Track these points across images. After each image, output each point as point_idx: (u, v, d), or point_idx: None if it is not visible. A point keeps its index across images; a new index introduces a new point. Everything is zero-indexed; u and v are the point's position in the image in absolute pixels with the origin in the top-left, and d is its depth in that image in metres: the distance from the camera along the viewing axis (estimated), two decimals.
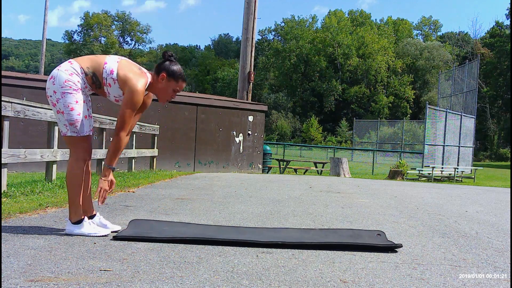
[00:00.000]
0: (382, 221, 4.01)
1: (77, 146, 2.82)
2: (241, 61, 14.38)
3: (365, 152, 27.76)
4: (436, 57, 52.84)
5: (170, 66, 2.86)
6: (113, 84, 2.79)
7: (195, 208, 4.32)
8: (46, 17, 24.85)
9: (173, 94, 2.91)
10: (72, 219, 2.85)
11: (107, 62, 2.81)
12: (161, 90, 2.88)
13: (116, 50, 60.79)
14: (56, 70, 2.81)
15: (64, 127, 2.79)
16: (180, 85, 2.90)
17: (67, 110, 2.75)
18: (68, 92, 2.74)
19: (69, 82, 2.74)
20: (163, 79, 2.85)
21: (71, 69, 2.77)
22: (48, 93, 2.79)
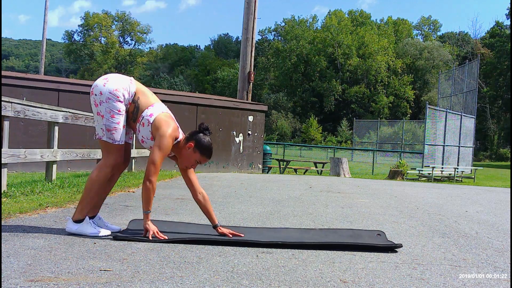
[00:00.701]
0: (382, 221, 4.01)
1: (109, 152, 2.85)
2: (241, 61, 14.38)
3: (365, 152, 27.75)
4: (436, 57, 52.83)
5: (201, 139, 2.88)
6: (146, 126, 2.83)
7: (195, 208, 4.31)
8: (46, 17, 24.86)
9: (195, 165, 2.93)
10: (75, 217, 2.85)
11: (153, 105, 2.86)
12: (185, 156, 2.90)
13: (116, 50, 60.79)
14: (114, 76, 2.87)
15: (100, 131, 2.83)
16: (204, 159, 2.92)
17: (107, 115, 2.79)
18: (113, 100, 2.78)
19: (118, 93, 2.79)
20: (190, 148, 2.88)
21: (127, 86, 2.83)
22: (94, 90, 2.82)
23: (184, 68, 68.78)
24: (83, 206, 2.85)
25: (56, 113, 5.49)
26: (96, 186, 2.85)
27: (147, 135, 2.84)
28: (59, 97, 9.72)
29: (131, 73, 62.89)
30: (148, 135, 2.84)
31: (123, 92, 2.80)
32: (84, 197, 2.87)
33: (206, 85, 61.29)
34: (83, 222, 2.84)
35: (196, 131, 2.93)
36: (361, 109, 52.93)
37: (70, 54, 63.06)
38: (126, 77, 2.90)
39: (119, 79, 2.86)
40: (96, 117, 2.83)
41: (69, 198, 4.45)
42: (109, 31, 62.16)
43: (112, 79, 2.84)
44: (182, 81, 59.97)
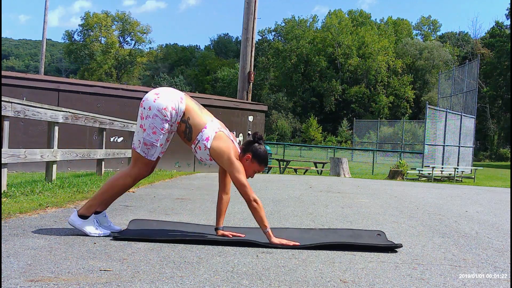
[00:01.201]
0: (382, 221, 4.01)
1: (138, 164, 2.87)
2: (241, 61, 14.38)
3: (365, 152, 27.75)
4: (436, 57, 52.84)
5: (258, 149, 2.92)
6: (203, 150, 2.84)
7: (195, 208, 4.32)
8: (46, 17, 24.86)
9: (253, 174, 2.97)
10: (81, 211, 2.85)
11: (207, 127, 2.85)
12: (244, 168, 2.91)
13: (116, 50, 60.75)
14: (165, 92, 2.84)
15: (137, 142, 2.85)
16: (262, 168, 2.96)
17: (150, 131, 2.80)
18: (160, 117, 2.79)
19: (167, 112, 2.79)
20: (248, 159, 2.90)
21: (177, 104, 2.82)
22: (144, 104, 2.83)
23: (184, 68, 68.78)
24: (92, 204, 2.86)
25: (56, 113, 5.49)
26: (113, 191, 2.88)
27: (206, 157, 2.88)
28: (59, 97, 9.72)
29: (131, 73, 62.91)
30: (206, 157, 2.88)
31: (171, 111, 2.80)
32: (97, 196, 2.88)
33: (206, 85, 61.30)
34: (88, 220, 2.84)
35: (250, 141, 2.96)
36: (361, 109, 52.93)
37: (70, 54, 63.00)
38: (177, 94, 2.86)
39: (170, 96, 2.83)
40: (138, 128, 2.85)
41: (69, 198, 4.45)
42: (109, 31, 62.12)
43: (163, 96, 2.82)
44: (182, 81, 59.98)
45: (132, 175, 2.87)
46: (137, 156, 2.86)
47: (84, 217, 2.84)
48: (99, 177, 6.97)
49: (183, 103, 2.84)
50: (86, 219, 2.84)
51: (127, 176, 2.87)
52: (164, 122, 2.80)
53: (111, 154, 7.56)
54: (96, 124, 6.83)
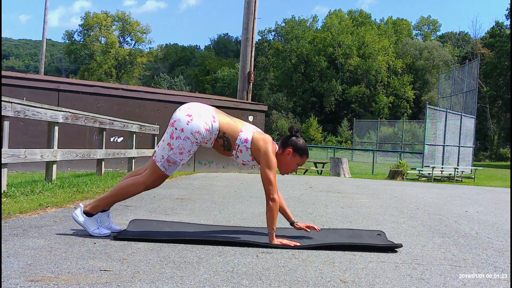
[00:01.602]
0: (382, 221, 4.01)
1: (154, 176, 2.88)
2: (241, 61, 14.37)
3: (365, 152, 27.74)
4: (436, 57, 52.83)
5: (297, 142, 2.94)
6: (245, 151, 2.88)
7: (195, 208, 4.32)
8: (46, 17, 24.86)
9: (296, 168, 2.99)
10: (87, 208, 2.86)
11: (243, 131, 2.89)
12: (286, 163, 2.95)
13: (116, 50, 60.73)
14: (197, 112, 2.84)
15: (160, 156, 2.85)
16: (304, 160, 2.98)
17: (176, 150, 2.82)
18: (191, 140, 2.81)
19: (199, 135, 2.81)
20: (289, 154, 2.93)
21: (210, 125, 2.84)
22: (175, 124, 2.81)
23: (184, 68, 68.77)
24: (100, 203, 2.88)
25: (56, 113, 5.49)
26: (123, 196, 2.91)
27: (248, 158, 2.90)
28: (59, 97, 9.72)
29: (131, 73, 62.88)
30: (249, 158, 2.90)
31: (205, 133, 2.82)
32: (106, 197, 2.90)
33: (206, 85, 61.28)
34: (92, 218, 2.85)
35: (288, 135, 2.98)
36: (361, 109, 52.93)
37: (70, 54, 62.95)
38: (209, 114, 2.87)
39: (202, 117, 2.83)
40: (165, 145, 2.85)
41: (69, 198, 4.45)
42: (109, 31, 62.10)
43: (196, 117, 2.81)
44: (182, 81, 59.96)
45: (145, 184, 2.89)
46: (155, 168, 2.87)
47: (89, 214, 2.85)
48: (99, 177, 6.97)
49: (216, 122, 2.87)
50: (91, 217, 2.85)
51: (140, 184, 2.88)
52: (194, 145, 2.83)
53: (111, 154, 7.56)
54: (96, 124, 6.83)
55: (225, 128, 2.88)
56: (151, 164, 2.90)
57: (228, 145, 2.89)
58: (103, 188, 5.43)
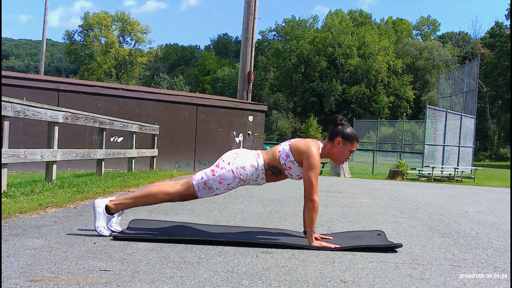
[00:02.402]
0: (382, 221, 4.02)
1: (185, 191, 2.90)
2: (241, 61, 14.37)
3: (365, 152, 27.75)
4: (436, 57, 52.83)
5: (344, 130, 2.96)
6: (293, 165, 2.90)
7: (195, 208, 4.32)
8: (46, 17, 24.86)
9: (349, 155, 3.01)
10: (110, 203, 2.87)
11: (280, 150, 2.94)
12: (338, 153, 2.96)
13: (116, 50, 60.72)
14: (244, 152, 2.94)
15: (200, 177, 2.88)
16: (355, 145, 3.00)
17: (217, 178, 2.85)
18: (234, 174, 2.85)
19: (243, 170, 2.86)
20: (339, 143, 2.94)
21: (256, 163, 2.90)
22: (224, 157, 2.94)
23: (184, 68, 68.77)
24: (122, 203, 2.90)
25: (56, 113, 5.49)
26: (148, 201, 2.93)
27: (299, 170, 2.91)
28: (59, 97, 9.72)
29: (131, 73, 62.86)
30: (299, 170, 2.91)
31: (250, 168, 2.87)
32: (131, 198, 2.91)
33: (206, 85, 61.29)
34: (108, 215, 2.86)
35: (334, 127, 3.00)
36: (361, 109, 52.94)
37: (70, 54, 62.92)
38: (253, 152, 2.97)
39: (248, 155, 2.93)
40: (208, 170, 2.90)
41: (69, 198, 4.45)
42: (109, 31, 62.09)
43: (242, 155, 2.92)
44: (182, 81, 59.95)
45: (172, 196, 2.91)
46: (189, 185, 2.89)
47: (108, 211, 2.87)
48: (99, 177, 6.97)
49: (261, 157, 2.92)
50: (108, 214, 2.87)
51: (168, 194, 2.90)
52: (235, 180, 2.86)
53: (111, 154, 7.56)
54: (96, 124, 6.83)
55: (269, 159, 2.93)
56: (187, 179, 2.93)
57: (277, 171, 2.93)
58: (103, 188, 5.43)
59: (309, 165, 2.84)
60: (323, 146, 2.97)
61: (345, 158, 3.00)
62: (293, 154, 2.89)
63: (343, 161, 3.03)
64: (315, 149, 2.88)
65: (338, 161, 3.01)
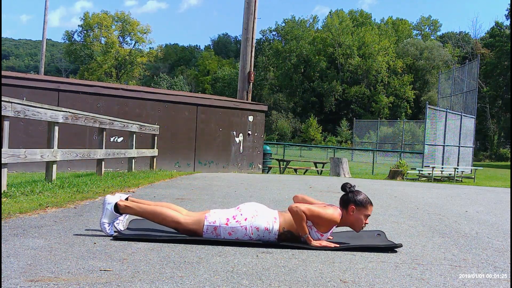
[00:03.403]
0: (382, 221, 4.01)
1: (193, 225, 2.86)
2: (241, 61, 14.38)
3: (365, 152, 27.75)
4: (437, 57, 52.85)
5: (356, 197, 2.92)
6: (311, 230, 2.86)
7: (195, 208, 4.32)
8: (46, 17, 24.86)
9: (366, 219, 2.96)
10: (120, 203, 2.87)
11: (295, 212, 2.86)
12: (354, 221, 2.92)
13: (116, 50, 60.73)
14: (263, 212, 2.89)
15: (213, 220, 2.84)
16: (370, 209, 2.95)
17: (229, 229, 2.82)
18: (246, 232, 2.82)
19: (256, 231, 2.83)
20: (353, 211, 2.91)
21: (271, 226, 2.85)
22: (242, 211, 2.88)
23: (184, 68, 68.77)
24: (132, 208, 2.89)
25: (56, 113, 5.49)
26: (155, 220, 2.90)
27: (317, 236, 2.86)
28: (59, 97, 9.73)
29: (131, 73, 62.89)
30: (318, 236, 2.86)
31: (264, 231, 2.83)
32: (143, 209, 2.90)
33: (206, 85, 61.31)
34: (115, 213, 2.86)
35: (344, 195, 2.96)
36: (361, 109, 52.96)
37: (70, 54, 62.94)
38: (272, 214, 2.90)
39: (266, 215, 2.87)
40: (225, 216, 2.86)
41: (69, 198, 4.45)
42: (109, 31, 62.08)
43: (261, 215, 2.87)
44: (182, 81, 59.96)
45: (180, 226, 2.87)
46: (200, 222, 2.85)
47: (117, 209, 2.87)
48: (99, 177, 6.97)
49: (277, 222, 2.87)
50: (117, 212, 2.87)
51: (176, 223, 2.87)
52: (244, 237, 2.83)
53: (111, 154, 7.56)
54: (96, 124, 6.83)
55: (286, 223, 2.87)
56: (200, 217, 2.89)
57: (292, 236, 2.86)
58: (103, 188, 5.43)
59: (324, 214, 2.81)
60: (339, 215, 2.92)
61: (363, 224, 2.94)
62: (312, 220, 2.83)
63: (362, 228, 2.96)
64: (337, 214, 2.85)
65: (358, 227, 2.95)
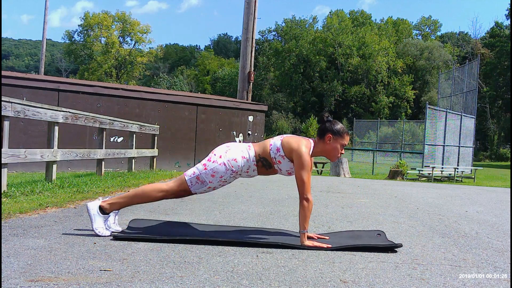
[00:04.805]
0: (382, 221, 4.01)
1: (178, 187, 2.92)
2: (241, 61, 14.38)
3: (365, 152, 27.75)
4: (437, 57, 52.84)
5: (333, 126, 2.96)
6: (283, 160, 2.91)
7: (195, 208, 4.32)
8: (46, 17, 24.86)
9: (342, 149, 3.01)
10: (103, 203, 2.88)
11: (272, 143, 2.95)
12: (331, 150, 2.97)
13: (116, 50, 60.72)
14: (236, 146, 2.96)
15: (191, 172, 2.91)
16: (346, 138, 3.00)
17: (209, 172, 2.87)
18: (226, 167, 2.87)
19: (235, 162, 2.88)
20: (330, 139, 2.95)
21: (246, 154, 2.92)
22: (215, 151, 2.95)
23: (184, 68, 68.75)
24: (116, 203, 2.90)
25: (56, 113, 5.49)
26: (143, 199, 2.93)
27: (289, 165, 2.92)
28: (59, 97, 9.73)
29: (131, 73, 62.86)
30: (290, 165, 2.92)
31: (241, 160, 2.89)
32: (125, 198, 2.92)
33: (206, 85, 61.27)
34: (103, 215, 2.86)
35: (322, 124, 3.01)
36: (361, 109, 52.96)
37: (70, 54, 62.90)
38: (244, 145, 3.00)
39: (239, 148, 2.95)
40: (200, 165, 2.91)
41: (69, 198, 4.45)
42: (109, 31, 62.04)
43: (234, 148, 2.94)
44: (182, 81, 59.94)
45: (166, 193, 2.92)
46: (182, 181, 2.92)
47: (103, 211, 2.87)
48: (99, 177, 6.97)
49: (252, 149, 2.95)
50: (103, 214, 2.87)
51: (161, 191, 2.91)
52: (228, 173, 2.87)
53: (111, 154, 7.57)
54: (96, 124, 6.83)
55: (259, 151, 2.95)
56: (180, 176, 2.96)
57: (267, 163, 2.94)
58: (103, 188, 5.43)
59: (301, 164, 2.84)
60: (315, 144, 2.97)
61: (339, 153, 2.99)
62: (284, 150, 2.90)
63: (337, 157, 3.02)
64: (305, 148, 2.88)
65: (333, 157, 3.01)
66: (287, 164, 2.92)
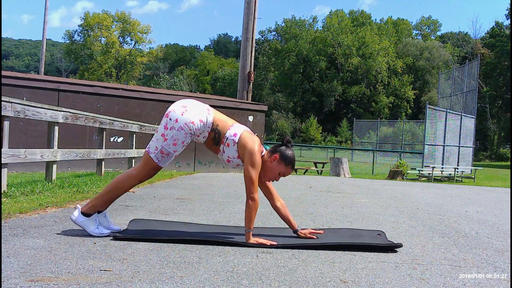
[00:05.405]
0: (382, 221, 4.01)
1: (147, 168, 2.89)
2: (241, 61, 14.37)
3: (365, 152, 27.75)
4: (437, 57, 52.84)
5: (285, 151, 2.94)
6: (232, 146, 2.87)
7: (195, 208, 4.32)
8: (46, 17, 24.86)
9: (278, 177, 2.98)
10: (84, 209, 2.87)
11: (234, 126, 2.91)
12: (269, 169, 2.94)
13: (116, 50, 60.72)
14: (192, 105, 2.88)
15: (154, 148, 2.86)
16: (288, 170, 2.97)
17: (170, 141, 2.83)
18: (185, 131, 2.82)
19: (193, 125, 2.82)
20: (275, 160, 2.92)
21: (205, 118, 2.86)
22: (170, 115, 2.84)
23: (184, 68, 68.75)
24: (96, 203, 2.88)
25: (56, 113, 5.49)
26: (118, 191, 2.90)
27: (233, 154, 2.89)
28: (59, 97, 9.73)
29: (131, 73, 62.86)
30: (234, 154, 2.89)
31: (199, 124, 2.83)
32: (101, 196, 2.90)
33: (206, 85, 61.29)
34: (90, 218, 2.86)
35: (279, 144, 3.00)
36: (361, 109, 52.95)
37: (70, 54, 62.92)
38: (203, 106, 2.91)
39: (197, 109, 2.87)
40: (159, 136, 2.86)
41: (69, 198, 4.45)
42: (109, 31, 62.03)
43: (191, 109, 2.85)
44: (182, 81, 59.94)
45: (138, 177, 2.90)
46: (148, 159, 2.87)
47: (87, 215, 2.86)
48: (99, 177, 6.97)
49: (211, 114, 2.89)
50: (89, 217, 2.86)
51: (133, 178, 2.90)
52: (187, 136, 2.83)
53: (111, 154, 7.56)
54: (96, 124, 6.83)
55: (218, 121, 2.90)
56: (144, 156, 2.91)
57: (218, 138, 2.89)
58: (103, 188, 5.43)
59: (252, 162, 2.81)
60: (264, 154, 2.94)
61: (273, 178, 2.96)
62: (239, 140, 2.86)
63: (269, 179, 2.98)
64: (257, 148, 2.85)
65: (266, 177, 2.97)
66: (232, 152, 2.87)
